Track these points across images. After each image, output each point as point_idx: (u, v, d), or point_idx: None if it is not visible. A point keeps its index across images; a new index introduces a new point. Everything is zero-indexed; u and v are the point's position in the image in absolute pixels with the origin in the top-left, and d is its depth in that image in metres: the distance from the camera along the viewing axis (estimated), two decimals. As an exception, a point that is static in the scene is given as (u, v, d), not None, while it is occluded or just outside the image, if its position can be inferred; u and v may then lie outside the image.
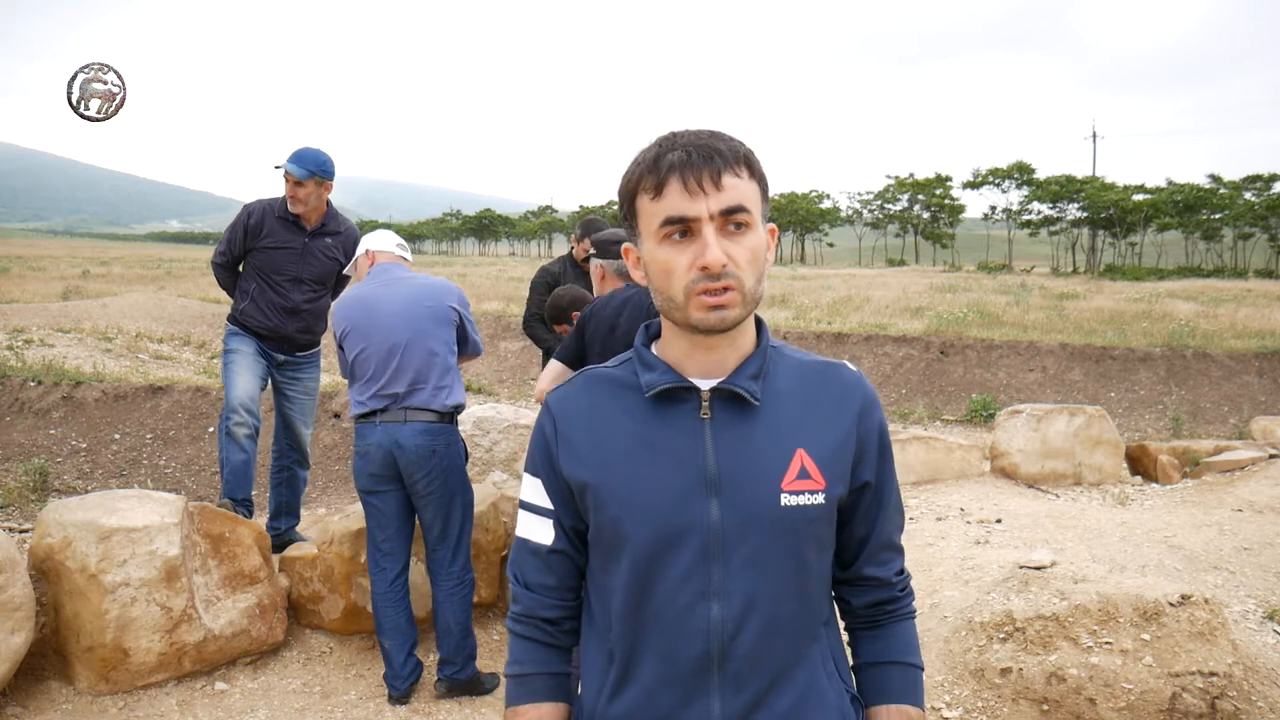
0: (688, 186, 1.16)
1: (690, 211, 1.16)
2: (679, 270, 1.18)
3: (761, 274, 1.21)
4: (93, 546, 3.46)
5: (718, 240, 1.16)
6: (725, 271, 1.16)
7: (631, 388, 1.28)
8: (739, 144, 1.21)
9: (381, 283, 3.73)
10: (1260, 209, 63.98)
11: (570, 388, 1.33)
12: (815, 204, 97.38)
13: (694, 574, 1.20)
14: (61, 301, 16.70)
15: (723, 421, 1.23)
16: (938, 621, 3.80)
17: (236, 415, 4.34)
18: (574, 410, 1.30)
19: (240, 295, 4.50)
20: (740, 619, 1.20)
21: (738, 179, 1.18)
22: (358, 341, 3.67)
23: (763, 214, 1.23)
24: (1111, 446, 6.75)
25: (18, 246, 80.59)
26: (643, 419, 1.25)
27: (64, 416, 7.63)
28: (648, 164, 1.20)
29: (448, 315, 3.69)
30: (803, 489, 1.22)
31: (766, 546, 1.21)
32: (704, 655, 1.20)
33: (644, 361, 1.28)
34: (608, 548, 1.26)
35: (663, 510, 1.21)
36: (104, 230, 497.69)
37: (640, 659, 1.23)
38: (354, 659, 4.04)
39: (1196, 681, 3.22)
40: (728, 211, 1.16)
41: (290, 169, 4.28)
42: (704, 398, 1.24)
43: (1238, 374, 11.71)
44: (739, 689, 1.21)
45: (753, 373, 1.25)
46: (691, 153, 1.17)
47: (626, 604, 1.23)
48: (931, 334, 13.36)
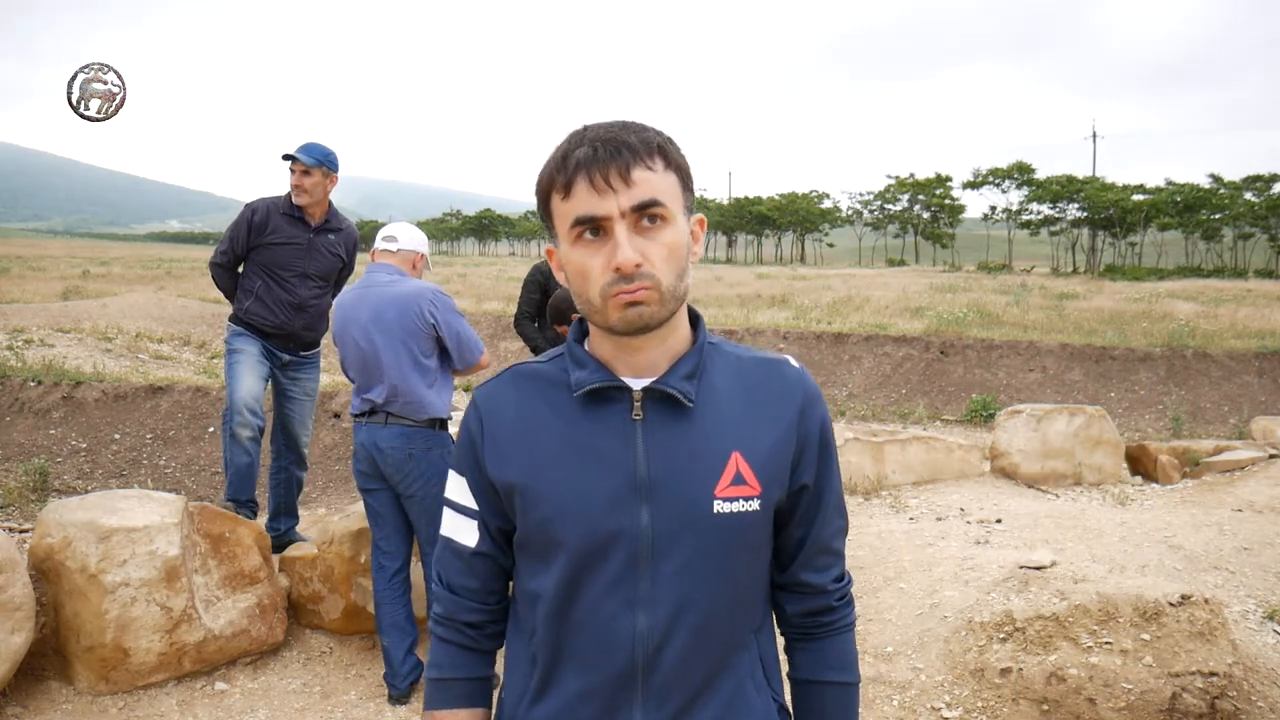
0: (595, 184, 1.10)
1: (600, 210, 1.10)
2: (594, 273, 1.12)
3: (683, 269, 1.15)
4: (93, 546, 3.46)
5: (630, 238, 1.10)
6: (639, 272, 1.10)
7: (561, 385, 1.22)
8: (652, 134, 1.15)
9: (360, 290, 3.74)
10: (1260, 209, 64.00)
11: (498, 384, 1.27)
12: (815, 204, 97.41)
13: (621, 582, 1.15)
14: (61, 301, 16.70)
15: (655, 423, 1.17)
16: (938, 621, 3.80)
17: (240, 416, 4.35)
18: (501, 408, 1.23)
19: (244, 294, 4.49)
20: (667, 630, 1.15)
21: (650, 172, 1.12)
22: (340, 346, 3.75)
23: (684, 205, 1.16)
24: (1111, 446, 6.75)
25: (18, 246, 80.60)
26: (572, 419, 1.19)
27: (64, 416, 7.63)
28: (556, 163, 1.14)
29: (414, 327, 3.59)
30: (737, 495, 1.16)
31: (697, 555, 1.15)
32: (628, 667, 1.16)
33: (575, 358, 1.22)
34: (534, 552, 1.21)
35: (591, 516, 1.15)
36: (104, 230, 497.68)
37: (563, 667, 1.19)
38: (354, 659, 4.04)
39: (1196, 681, 3.22)
40: (640, 207, 1.11)
41: (299, 156, 4.35)
42: (636, 398, 1.18)
43: (1238, 374, 11.71)
44: (662, 702, 1.16)
45: (686, 372, 1.19)
46: (598, 148, 1.11)
47: (551, 610, 1.18)
48: (931, 334, 13.36)
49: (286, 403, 4.67)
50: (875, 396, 11.81)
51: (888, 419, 10.48)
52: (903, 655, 3.66)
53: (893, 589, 4.23)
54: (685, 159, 1.19)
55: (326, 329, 4.72)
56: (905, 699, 3.43)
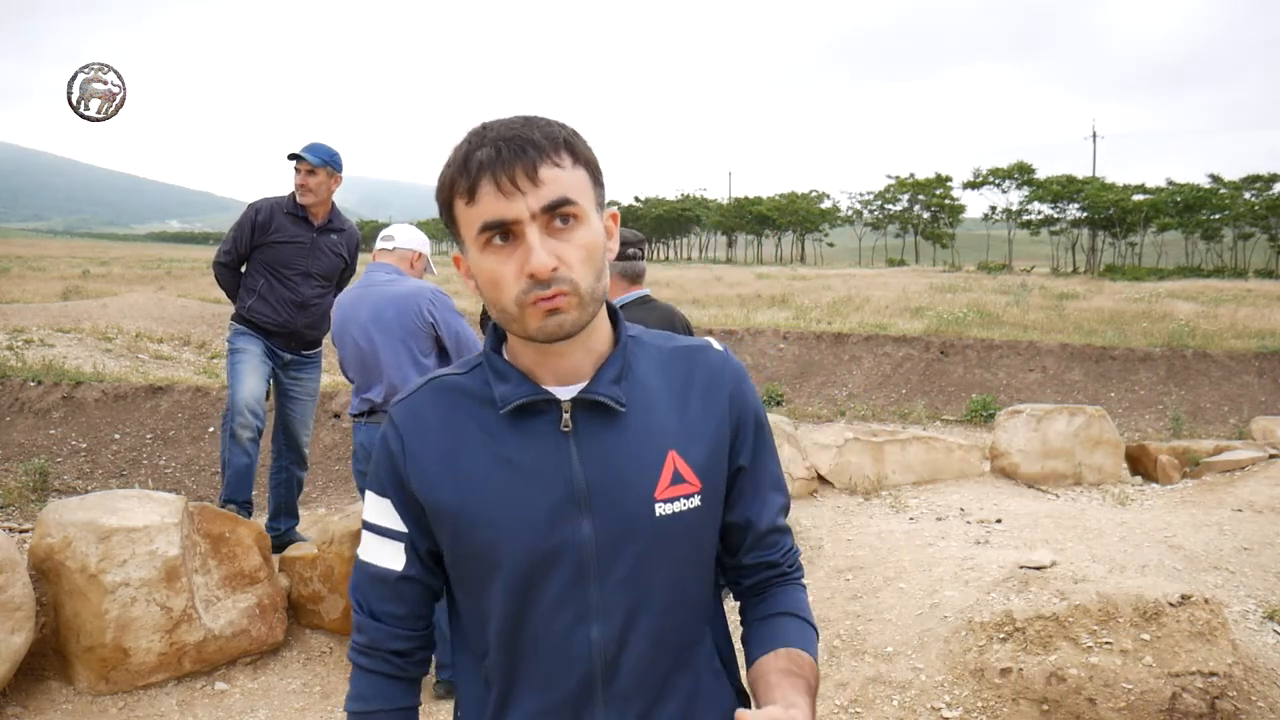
0: (500, 186, 1.04)
1: (508, 214, 1.05)
2: (506, 280, 1.06)
3: (600, 269, 1.10)
4: (93, 546, 3.46)
5: (543, 241, 1.05)
6: (556, 276, 1.05)
7: (484, 400, 1.16)
8: (557, 128, 1.09)
9: (359, 289, 3.76)
10: (1260, 209, 64.01)
11: (418, 399, 1.19)
12: (815, 204, 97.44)
13: (570, 596, 1.12)
14: (61, 301, 16.70)
15: (586, 432, 1.13)
16: (938, 621, 3.80)
17: (241, 417, 4.36)
18: (422, 426, 1.17)
19: (246, 293, 4.51)
20: (622, 637, 1.13)
21: (558, 169, 1.06)
22: (339, 346, 3.77)
23: (597, 201, 1.11)
24: (1111, 446, 6.75)
25: (18, 246, 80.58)
26: (499, 435, 1.14)
27: (64, 416, 7.63)
28: (457, 165, 1.08)
29: (413, 326, 3.61)
30: (677, 494, 1.14)
31: (644, 560, 1.13)
32: (587, 678, 1.13)
33: (495, 370, 1.16)
34: (476, 574, 1.16)
35: (532, 533, 1.11)
36: (104, 230, 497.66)
37: (520, 686, 1.16)
38: (354, 659, 4.04)
39: (1196, 681, 3.22)
40: (550, 207, 1.05)
41: (305, 155, 4.39)
42: (564, 409, 1.13)
43: (1238, 374, 11.71)
44: (624, 708, 1.15)
45: (613, 376, 1.14)
46: (501, 148, 1.05)
47: (503, 629, 1.15)
48: (931, 334, 13.35)
49: (288, 403, 4.68)
50: (875, 396, 11.81)
51: (888, 419, 10.48)
52: (903, 655, 3.66)
53: (893, 589, 4.23)
54: (593, 152, 1.13)
55: (328, 329, 4.74)
56: (905, 699, 3.43)
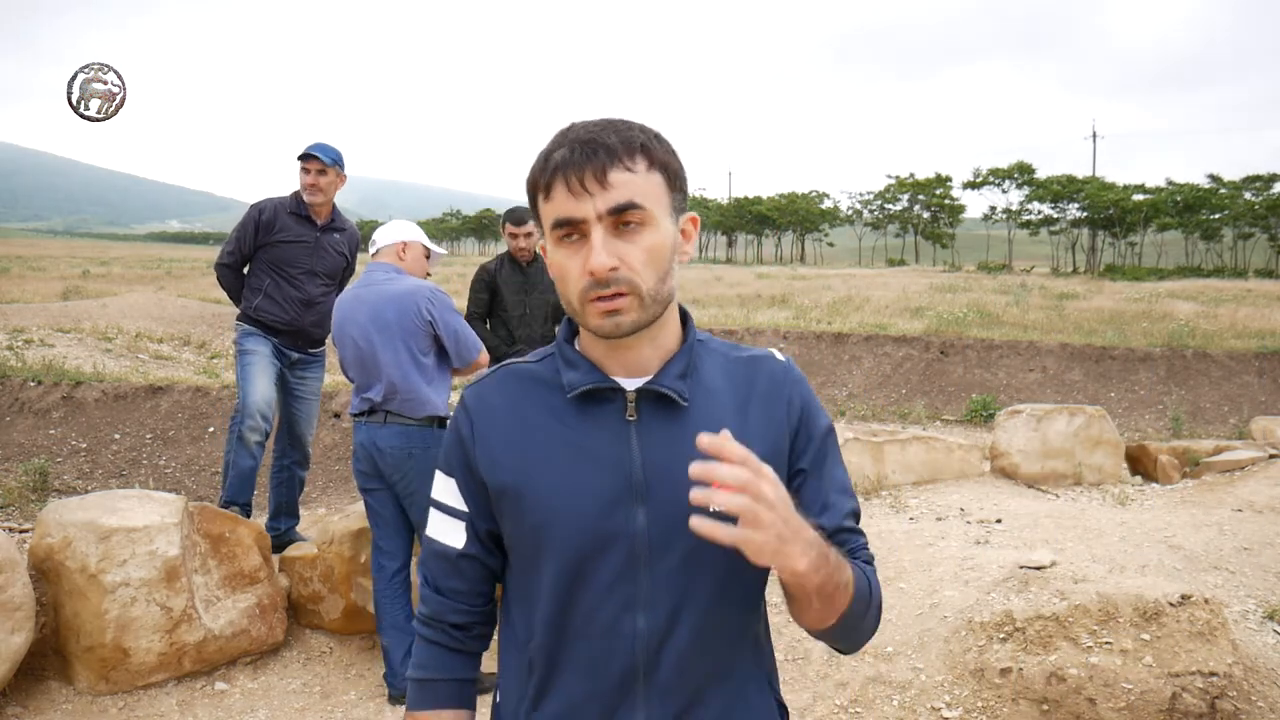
0: (570, 186, 1.09)
1: (576, 213, 1.10)
2: (572, 275, 1.12)
3: (665, 272, 1.13)
4: (93, 546, 3.46)
5: (607, 242, 1.09)
6: (614, 276, 1.09)
7: (553, 386, 1.20)
8: (635, 133, 1.12)
9: (358, 289, 3.77)
10: (1260, 209, 64.01)
11: (488, 384, 1.25)
12: (815, 204, 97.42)
13: (619, 584, 1.14)
14: (61, 301, 16.70)
15: (650, 424, 1.17)
16: (938, 621, 3.80)
17: (252, 420, 4.38)
18: (492, 408, 1.22)
19: (252, 292, 4.51)
20: (667, 630, 1.15)
21: (629, 174, 1.10)
22: (339, 346, 3.77)
23: (671, 205, 1.15)
24: (1111, 446, 6.75)
25: (18, 246, 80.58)
26: (565, 420, 1.18)
27: (64, 416, 7.63)
28: (540, 162, 1.13)
29: (413, 325, 3.62)
30: None
31: (694, 554, 1.14)
32: (629, 668, 1.15)
33: (566, 359, 1.21)
34: (530, 555, 1.19)
35: (588, 518, 1.14)
36: (104, 230, 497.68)
37: (562, 670, 1.18)
38: (354, 659, 4.04)
39: (1196, 681, 3.22)
40: (616, 210, 1.09)
41: (318, 155, 4.41)
42: (629, 398, 1.17)
43: (1238, 374, 11.71)
44: (664, 701, 1.16)
45: (679, 371, 1.18)
46: (576, 149, 1.10)
47: (550, 613, 1.17)
48: (931, 334, 13.35)
49: (294, 402, 4.69)
50: (875, 396, 11.81)
51: (888, 419, 10.47)
52: (903, 655, 3.66)
53: (893, 589, 4.23)
54: (674, 157, 1.16)
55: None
56: (905, 699, 3.43)
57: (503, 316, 5.04)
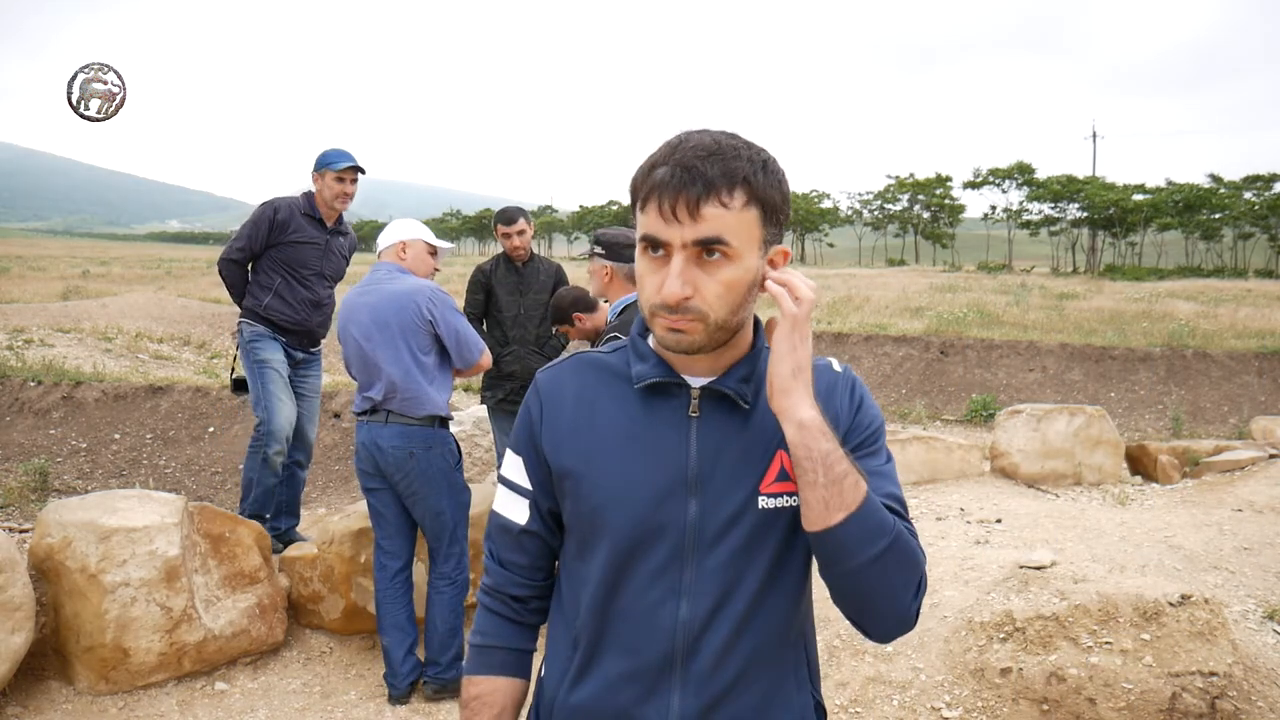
0: (662, 211, 1.11)
1: (663, 235, 1.13)
2: (648, 288, 1.16)
3: (739, 305, 1.16)
4: (93, 546, 3.46)
5: (685, 270, 1.12)
6: (685, 305, 1.13)
7: (622, 376, 1.26)
8: (743, 164, 1.12)
9: (363, 287, 3.78)
10: (1260, 209, 63.99)
11: (561, 369, 1.31)
12: (815, 204, 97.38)
13: (666, 571, 1.19)
14: (61, 301, 16.70)
15: (710, 421, 1.21)
16: (938, 621, 3.80)
17: (278, 445, 4.43)
18: (562, 393, 1.28)
19: (261, 291, 4.52)
20: (707, 620, 1.19)
21: (722, 209, 1.11)
22: (342, 344, 3.79)
23: (762, 239, 1.15)
24: (1111, 446, 6.75)
25: (18, 246, 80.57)
26: (630, 410, 1.23)
27: (64, 416, 7.63)
28: (644, 172, 1.16)
29: (413, 324, 3.62)
30: (781, 490, 1.19)
31: (741, 548, 1.19)
32: (668, 653, 1.19)
33: (638, 352, 1.25)
34: (584, 537, 1.24)
35: (642, 506, 1.19)
36: (104, 230, 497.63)
37: (604, 651, 1.23)
38: (354, 659, 4.04)
39: (1196, 681, 3.22)
40: (701, 243, 1.11)
41: (360, 165, 4.51)
42: (694, 395, 1.22)
43: (1238, 374, 11.71)
44: (700, 688, 1.19)
45: (744, 374, 1.22)
46: (677, 173, 1.11)
47: (597, 595, 1.22)
48: (931, 334, 13.35)
49: (299, 400, 4.71)
50: (875, 396, 11.79)
51: (888, 419, 10.48)
52: (903, 655, 3.66)
53: (893, 589, 4.23)
54: (778, 189, 1.15)
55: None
56: (905, 699, 3.43)
57: (498, 317, 5.05)
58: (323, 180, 4.51)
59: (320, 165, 4.52)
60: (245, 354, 4.52)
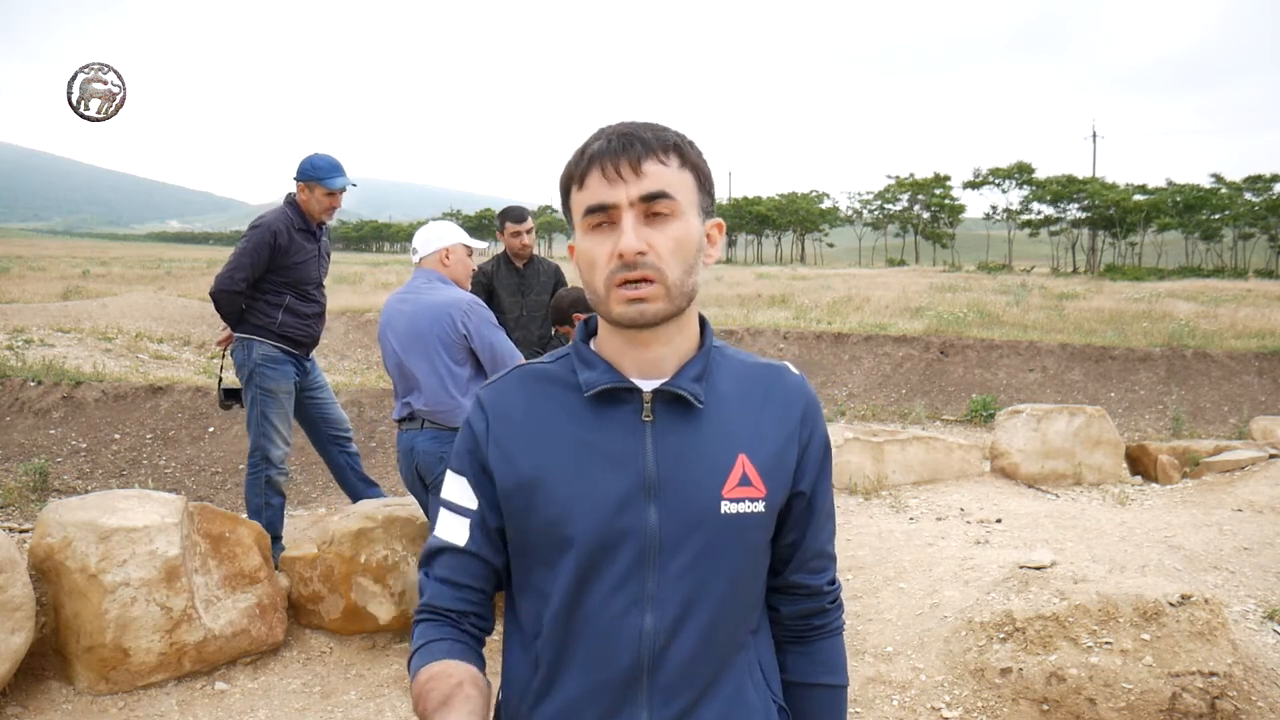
0: (605, 173, 1.13)
1: (609, 198, 1.13)
2: (600, 261, 1.14)
3: (691, 266, 1.16)
4: (93, 546, 3.46)
5: (636, 228, 1.12)
6: (641, 260, 1.12)
7: (569, 386, 1.22)
8: (670, 133, 1.18)
9: (402, 295, 3.85)
10: (1260, 209, 63.98)
11: (504, 383, 1.26)
12: (815, 204, 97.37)
13: (629, 581, 1.16)
14: (61, 301, 16.70)
15: (664, 424, 1.19)
16: (938, 621, 3.80)
17: (277, 469, 4.51)
18: (508, 408, 1.23)
19: (271, 309, 4.48)
20: (673, 629, 1.16)
21: (662, 166, 1.14)
22: (381, 349, 3.92)
23: (699, 205, 1.18)
24: (1111, 446, 6.75)
25: (18, 246, 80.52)
26: (581, 419, 1.20)
27: (64, 416, 7.63)
28: (575, 156, 1.18)
29: (447, 337, 3.68)
30: (743, 496, 1.18)
31: (704, 554, 1.17)
32: (634, 666, 1.16)
33: (583, 359, 1.23)
34: (542, 552, 1.20)
35: (601, 514, 1.16)
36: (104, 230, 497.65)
37: (567, 667, 1.19)
38: (354, 659, 4.04)
39: (1196, 681, 3.22)
40: (648, 198, 1.13)
41: (348, 184, 4.53)
42: (645, 399, 1.19)
43: (1238, 374, 11.70)
44: (668, 700, 1.17)
45: (695, 374, 1.20)
46: (613, 139, 1.15)
47: (559, 610, 1.18)
48: (931, 334, 13.35)
49: (316, 393, 4.75)
50: (875, 396, 11.81)
51: (888, 419, 10.48)
52: (903, 655, 3.66)
53: (893, 589, 4.23)
54: (704, 162, 1.20)
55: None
56: (905, 699, 3.43)
57: (501, 319, 5.07)
58: (312, 193, 4.48)
59: (309, 177, 4.47)
60: (249, 376, 4.48)
